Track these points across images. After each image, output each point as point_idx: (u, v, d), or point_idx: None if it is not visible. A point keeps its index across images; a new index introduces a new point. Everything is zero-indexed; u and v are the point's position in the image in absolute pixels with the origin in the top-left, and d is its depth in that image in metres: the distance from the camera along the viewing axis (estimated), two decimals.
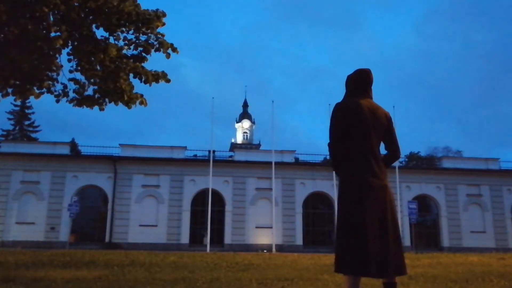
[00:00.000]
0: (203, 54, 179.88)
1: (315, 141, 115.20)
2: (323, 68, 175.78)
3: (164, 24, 7.90)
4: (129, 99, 8.11)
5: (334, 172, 3.44)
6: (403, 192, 28.87)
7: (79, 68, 7.99)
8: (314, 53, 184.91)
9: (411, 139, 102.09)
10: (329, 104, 23.92)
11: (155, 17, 7.72)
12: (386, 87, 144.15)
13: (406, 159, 43.17)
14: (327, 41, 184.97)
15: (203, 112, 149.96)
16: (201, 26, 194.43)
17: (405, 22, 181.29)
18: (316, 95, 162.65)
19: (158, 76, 8.11)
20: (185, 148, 29.37)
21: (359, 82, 3.32)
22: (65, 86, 8.29)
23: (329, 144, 3.23)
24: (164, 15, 7.88)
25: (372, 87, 3.36)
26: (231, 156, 32.37)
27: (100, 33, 7.92)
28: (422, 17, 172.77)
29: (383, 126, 3.23)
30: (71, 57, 7.92)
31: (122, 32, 7.81)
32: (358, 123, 3.14)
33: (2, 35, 7.07)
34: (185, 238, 27.16)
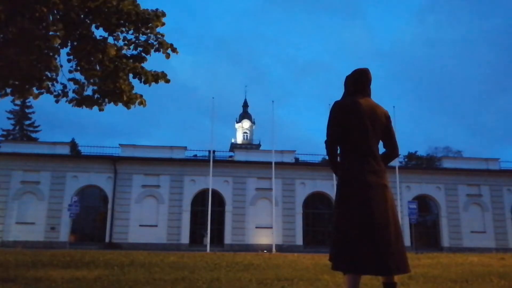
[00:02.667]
0: (195, 42, 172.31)
1: (314, 137, 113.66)
2: (321, 60, 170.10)
3: (163, 24, 7.89)
4: (128, 99, 8.11)
5: (333, 171, 3.44)
6: (403, 192, 28.86)
7: (78, 68, 7.99)
8: (313, 42, 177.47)
9: (411, 138, 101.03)
10: (329, 104, 23.92)
11: (155, 17, 7.72)
12: (386, 80, 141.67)
13: (406, 159, 43.17)
14: (326, 30, 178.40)
15: (194, 105, 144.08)
16: (191, 13, 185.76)
17: (407, 9, 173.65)
18: (314, 89, 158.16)
19: (158, 77, 8.12)
20: (185, 148, 29.39)
21: (358, 81, 3.33)
22: (64, 86, 8.30)
23: (326, 142, 3.23)
24: (163, 15, 7.88)
25: (370, 86, 3.36)
26: (231, 156, 32.38)
27: (99, 33, 7.92)
28: (424, 4, 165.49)
29: (382, 125, 3.23)
30: (71, 57, 7.92)
31: (122, 32, 7.81)
32: (357, 121, 3.14)
33: (1, 35, 7.07)
34: (185, 238, 27.16)
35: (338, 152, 3.26)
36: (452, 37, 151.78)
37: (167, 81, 8.23)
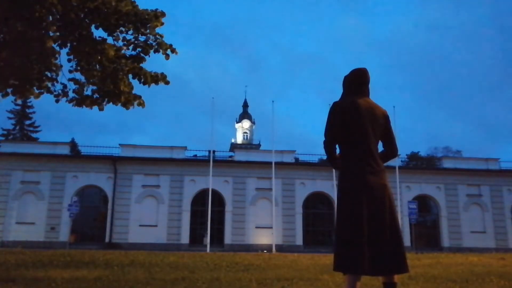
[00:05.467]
0: (186, 29, 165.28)
1: (313, 134, 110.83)
2: (319, 50, 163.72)
3: (163, 24, 7.89)
4: (127, 100, 8.11)
5: (333, 168, 3.46)
6: (403, 192, 28.85)
7: (78, 68, 7.99)
8: (311, 31, 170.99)
9: (412, 136, 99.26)
10: (328, 104, 23.88)
11: (154, 17, 7.71)
12: (385, 74, 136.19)
13: (406, 159, 43.15)
14: (324, 18, 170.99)
15: (188, 99, 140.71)
16: None
17: None
18: (313, 81, 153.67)
19: (158, 78, 8.11)
20: (185, 148, 29.41)
21: (356, 81, 3.34)
22: (64, 86, 8.29)
23: (324, 142, 3.24)
24: (163, 15, 7.87)
25: (369, 86, 3.37)
26: (231, 156, 32.37)
27: (99, 33, 7.92)
28: None
29: (381, 125, 3.25)
30: (71, 57, 7.92)
31: (121, 32, 7.81)
32: (356, 122, 3.15)
33: (0, 35, 7.07)
34: (185, 238, 27.15)
35: (338, 151, 3.28)
36: (456, 23, 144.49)
37: (167, 82, 8.23)
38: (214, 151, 28.33)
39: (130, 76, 8.14)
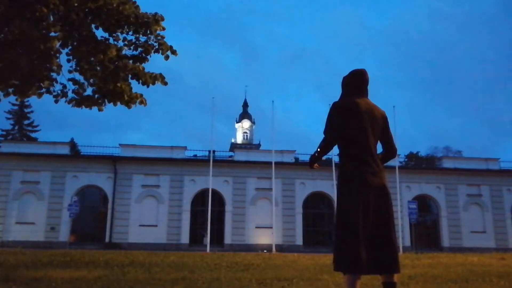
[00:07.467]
0: (178, 19, 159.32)
1: (313, 133, 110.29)
2: (315, 45, 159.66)
3: (162, 28, 7.90)
4: (129, 99, 8.12)
5: (309, 163, 3.41)
6: (403, 192, 28.84)
7: (78, 68, 8.00)
8: (308, 24, 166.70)
9: (412, 135, 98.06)
10: (328, 104, 23.85)
11: (153, 21, 7.72)
12: (386, 67, 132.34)
13: (406, 159, 43.15)
14: (322, 7, 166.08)
15: (182, 94, 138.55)
16: None
17: None
18: (309, 75, 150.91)
19: (156, 78, 8.13)
20: (185, 148, 29.41)
21: (355, 82, 3.35)
22: (64, 86, 8.30)
23: (323, 139, 3.26)
24: (162, 19, 7.88)
25: (368, 87, 3.38)
26: (231, 156, 32.38)
27: (99, 33, 7.93)
28: None
29: (379, 126, 3.26)
30: (70, 57, 7.92)
31: (122, 33, 7.82)
32: (356, 122, 3.17)
33: (1, 35, 7.07)
34: (185, 238, 27.16)
35: (338, 151, 3.29)
36: (459, 13, 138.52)
37: (165, 83, 8.25)
38: (214, 151, 28.33)
39: (129, 76, 8.15)
